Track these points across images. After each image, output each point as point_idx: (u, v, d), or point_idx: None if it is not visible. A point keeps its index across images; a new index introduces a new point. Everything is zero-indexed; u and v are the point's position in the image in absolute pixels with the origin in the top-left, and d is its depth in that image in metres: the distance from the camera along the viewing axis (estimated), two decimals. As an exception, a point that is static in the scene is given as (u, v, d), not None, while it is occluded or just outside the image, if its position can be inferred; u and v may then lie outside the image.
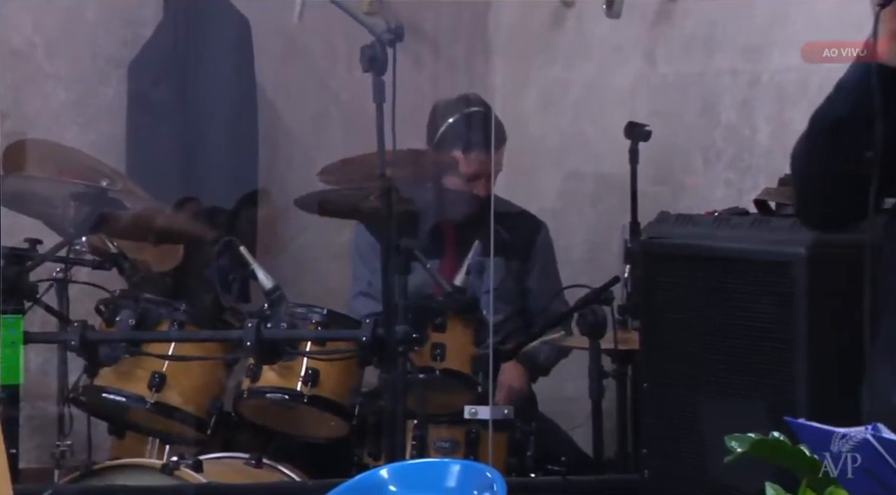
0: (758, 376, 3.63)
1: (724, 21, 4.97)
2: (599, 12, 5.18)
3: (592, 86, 5.43)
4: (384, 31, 4.42)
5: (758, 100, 4.86)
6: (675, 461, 3.88)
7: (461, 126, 4.95)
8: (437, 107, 5.06)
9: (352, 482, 2.66)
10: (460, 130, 4.95)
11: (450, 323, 4.49)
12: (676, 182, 5.10)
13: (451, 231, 4.94)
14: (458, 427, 4.47)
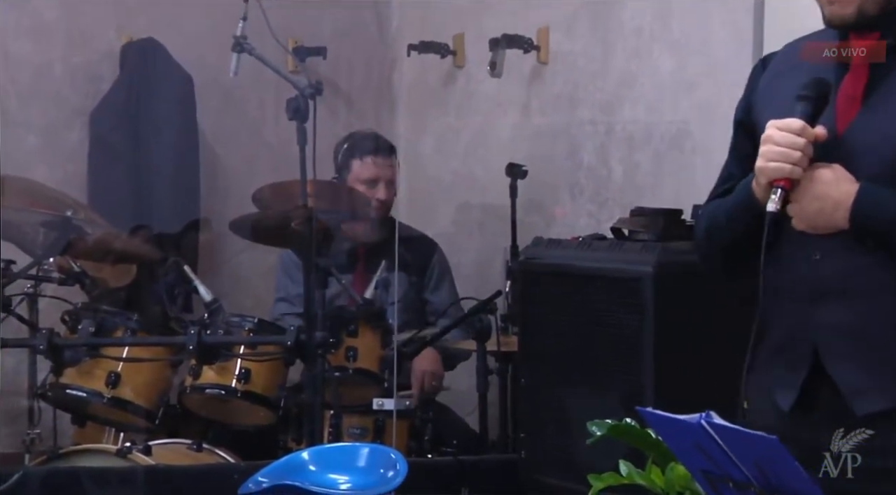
0: (614, 372, 3.65)
1: (585, 82, 5.00)
2: (484, 73, 5.20)
3: (479, 133, 5.45)
4: (306, 86, 4.44)
5: (612, 146, 4.89)
6: (546, 443, 3.89)
7: (354, 143, 4.94)
8: (339, 143, 5.06)
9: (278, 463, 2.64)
10: (353, 146, 4.93)
11: (361, 329, 4.47)
12: (548, 213, 5.12)
13: (362, 251, 4.92)
14: (367, 416, 4.45)
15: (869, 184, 2.36)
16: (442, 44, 5.43)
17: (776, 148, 2.36)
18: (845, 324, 2.40)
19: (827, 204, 2.36)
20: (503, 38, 5.13)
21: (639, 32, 4.75)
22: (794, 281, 2.45)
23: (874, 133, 2.38)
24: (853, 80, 2.42)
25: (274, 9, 4.82)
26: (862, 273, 2.39)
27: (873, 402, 2.37)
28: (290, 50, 5.22)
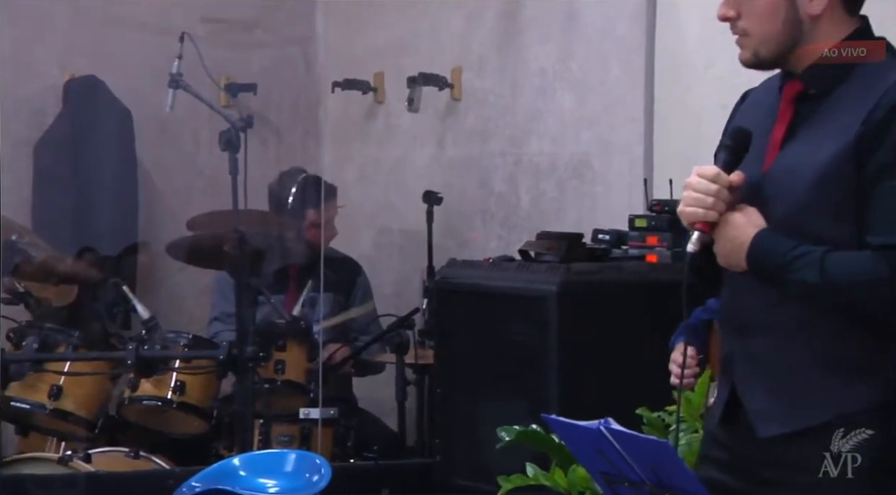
0: (521, 383, 3.66)
1: (496, 117, 5.02)
2: (403, 108, 5.21)
3: (398, 164, 5.45)
4: (237, 120, 4.43)
5: (520, 175, 4.91)
6: (460, 448, 3.89)
7: (301, 191, 4.92)
8: (281, 177, 5.04)
9: (210, 469, 2.62)
10: (302, 194, 4.90)
11: (289, 344, 4.46)
12: (461, 236, 5.13)
13: (294, 273, 4.90)
14: (294, 424, 4.42)
15: (767, 230, 2.35)
16: (364, 81, 5.43)
17: (693, 194, 2.36)
18: (754, 357, 2.41)
19: (734, 245, 2.36)
20: (420, 76, 5.14)
21: (543, 73, 4.78)
22: (725, 311, 2.47)
23: (785, 178, 2.37)
24: (779, 124, 2.41)
25: (207, 48, 4.82)
26: (771, 310, 2.39)
27: (774, 426, 2.38)
28: (222, 86, 5.22)
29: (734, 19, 2.40)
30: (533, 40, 4.81)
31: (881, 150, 2.28)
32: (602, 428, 2.10)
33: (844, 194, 2.32)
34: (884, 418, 2.34)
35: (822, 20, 2.38)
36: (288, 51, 5.55)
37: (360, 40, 5.46)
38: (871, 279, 2.28)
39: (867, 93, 2.33)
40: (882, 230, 2.28)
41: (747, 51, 2.41)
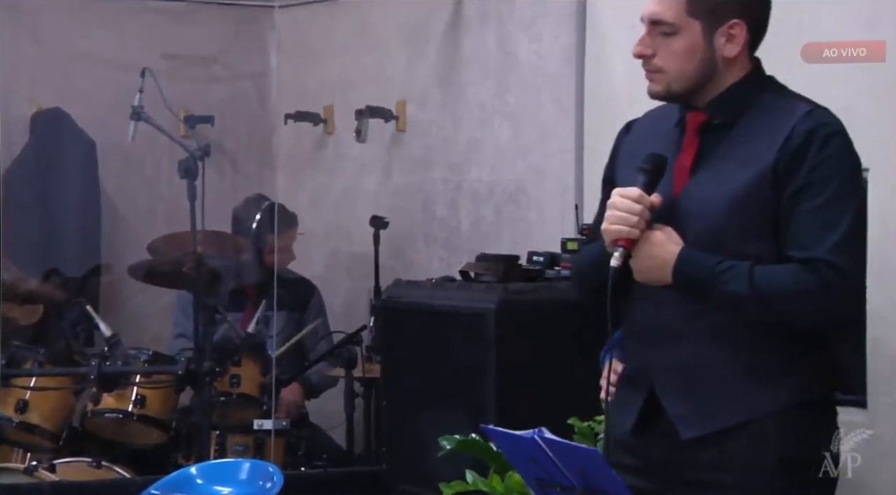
0: (461, 395, 3.66)
1: (438, 146, 5.02)
2: (351, 139, 5.20)
3: (347, 190, 5.44)
4: (196, 149, 4.42)
5: (461, 201, 4.92)
6: (404, 456, 3.88)
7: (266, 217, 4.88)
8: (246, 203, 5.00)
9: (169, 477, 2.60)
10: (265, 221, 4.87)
11: (244, 359, 4.43)
12: (406, 258, 5.12)
13: (252, 293, 4.88)
14: (248, 435, 4.39)
15: (690, 248, 2.37)
16: (314, 113, 5.43)
17: (617, 212, 2.38)
18: (676, 365, 2.42)
19: (657, 262, 2.38)
20: (367, 109, 5.14)
21: (482, 106, 4.79)
22: (638, 324, 2.48)
23: (699, 200, 2.40)
24: (686, 151, 2.44)
25: (167, 82, 4.81)
26: (690, 321, 2.41)
27: (695, 429, 2.40)
28: (181, 118, 5.19)
29: (650, 57, 2.43)
30: (472, 76, 4.82)
31: (799, 174, 2.33)
32: (536, 437, 2.10)
33: (761, 215, 2.36)
34: (801, 416, 2.38)
35: (733, 62, 2.43)
36: (243, 85, 5.54)
37: (311, 75, 5.46)
38: (799, 289, 2.31)
39: (773, 123, 2.38)
40: (805, 245, 2.32)
41: (659, 85, 2.44)
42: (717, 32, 2.41)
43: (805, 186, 2.33)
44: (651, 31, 2.42)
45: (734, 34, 2.41)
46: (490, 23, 4.72)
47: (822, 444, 2.40)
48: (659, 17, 2.41)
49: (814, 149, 2.33)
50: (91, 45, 5.24)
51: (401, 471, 3.88)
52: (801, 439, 2.39)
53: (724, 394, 2.39)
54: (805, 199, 2.33)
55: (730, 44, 2.41)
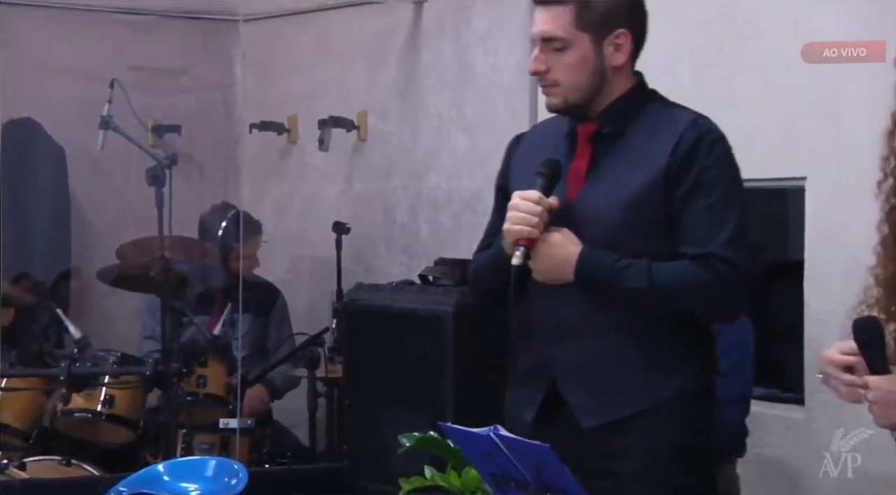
0: (421, 394, 3.65)
1: (398, 155, 5.02)
2: (314, 148, 5.19)
3: (310, 197, 5.43)
4: (163, 158, 4.42)
5: (420, 208, 4.92)
6: (366, 453, 3.87)
7: (232, 225, 4.87)
8: (213, 210, 4.98)
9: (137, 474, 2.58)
10: (232, 228, 4.86)
11: (210, 360, 4.41)
12: (367, 262, 5.12)
13: (217, 295, 4.85)
14: (214, 433, 4.36)
15: (589, 247, 2.43)
16: (279, 123, 5.41)
17: (518, 213, 2.42)
18: (577, 359, 2.47)
19: (556, 261, 2.43)
20: (330, 119, 5.13)
21: (440, 116, 4.80)
22: (539, 321, 2.51)
23: (594, 204, 2.45)
24: (579, 159, 2.49)
25: (136, 93, 4.79)
26: (589, 318, 2.46)
27: (595, 419, 2.45)
28: (149, 128, 5.17)
29: (544, 73, 2.47)
30: (430, 88, 4.83)
31: (689, 177, 2.41)
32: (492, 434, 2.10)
33: (654, 216, 2.43)
34: (692, 405, 2.45)
35: (621, 71, 2.50)
36: (210, 96, 5.52)
37: (276, 87, 5.44)
38: (694, 283, 2.38)
39: (661, 130, 2.46)
40: (697, 242, 2.39)
41: (557, 98, 2.50)
42: (604, 42, 2.47)
43: (695, 188, 2.41)
44: (544, 48, 2.47)
45: (621, 43, 2.47)
46: (447, 37, 4.73)
47: (711, 432, 2.49)
48: (550, 33, 2.46)
49: (702, 155, 2.41)
50: (62, 56, 5.20)
51: (362, 468, 3.87)
52: (694, 427, 2.46)
53: (623, 385, 2.45)
54: (695, 200, 2.40)
55: (617, 52, 2.47)
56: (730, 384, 3.48)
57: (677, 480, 2.43)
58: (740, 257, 2.39)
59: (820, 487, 3.45)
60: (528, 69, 2.50)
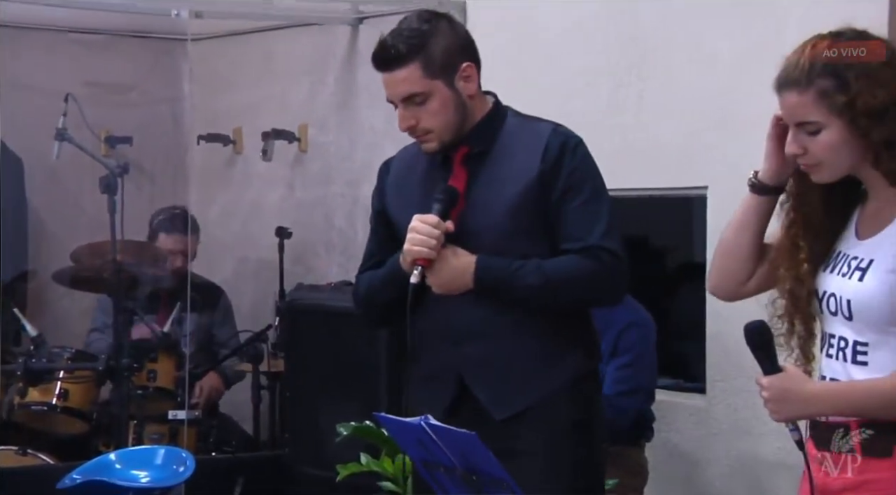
0: (357, 387, 3.64)
1: (336, 165, 5.00)
2: (258, 158, 5.16)
3: (254, 204, 5.39)
4: (115, 167, 4.39)
5: (357, 213, 4.90)
6: (305, 441, 3.85)
7: (166, 220, 4.83)
8: (158, 212, 4.94)
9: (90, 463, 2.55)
10: (165, 222, 4.82)
11: (160, 356, 4.38)
12: (308, 264, 5.09)
13: (165, 296, 4.80)
14: (164, 424, 4.32)
15: (483, 255, 2.47)
16: (225, 135, 5.37)
17: (418, 236, 2.46)
18: (480, 358, 2.51)
19: (456, 272, 2.47)
20: (272, 131, 5.10)
21: (374, 130, 4.79)
22: (439, 328, 2.54)
23: (478, 218, 2.50)
24: (457, 179, 2.52)
25: (89, 107, 4.76)
26: (486, 320, 2.51)
27: (506, 410, 2.50)
28: (102, 139, 5.13)
29: (414, 126, 2.50)
30: (365, 103, 4.82)
31: (560, 180, 2.47)
32: (422, 423, 2.10)
33: (533, 220, 2.48)
34: (583, 386, 2.54)
35: (475, 98, 2.55)
36: (159, 109, 5.47)
37: (222, 101, 5.40)
38: (584, 273, 2.46)
39: (527, 142, 2.51)
40: (578, 236, 2.47)
41: (433, 143, 2.55)
42: (455, 79, 2.52)
43: (567, 189, 2.47)
44: (406, 106, 2.51)
45: (468, 74, 2.53)
46: (382, 56, 4.73)
47: (599, 408, 2.59)
48: (407, 93, 2.50)
49: (568, 158, 2.48)
50: (20, 73, 5.11)
51: (302, 455, 3.85)
52: (585, 405, 2.54)
53: (526, 378, 2.51)
54: (569, 199, 2.47)
55: (468, 83, 2.53)
56: (635, 374, 3.53)
57: (574, 452, 2.50)
58: (617, 245, 2.47)
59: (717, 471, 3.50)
60: (399, 127, 2.54)
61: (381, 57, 2.52)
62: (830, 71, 1.97)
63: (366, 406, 3.38)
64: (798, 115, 2.00)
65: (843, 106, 1.96)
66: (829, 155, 1.99)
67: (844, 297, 2.00)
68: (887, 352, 1.97)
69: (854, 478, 1.99)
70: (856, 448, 1.99)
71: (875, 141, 1.97)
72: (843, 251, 2.05)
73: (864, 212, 2.06)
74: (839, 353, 2.02)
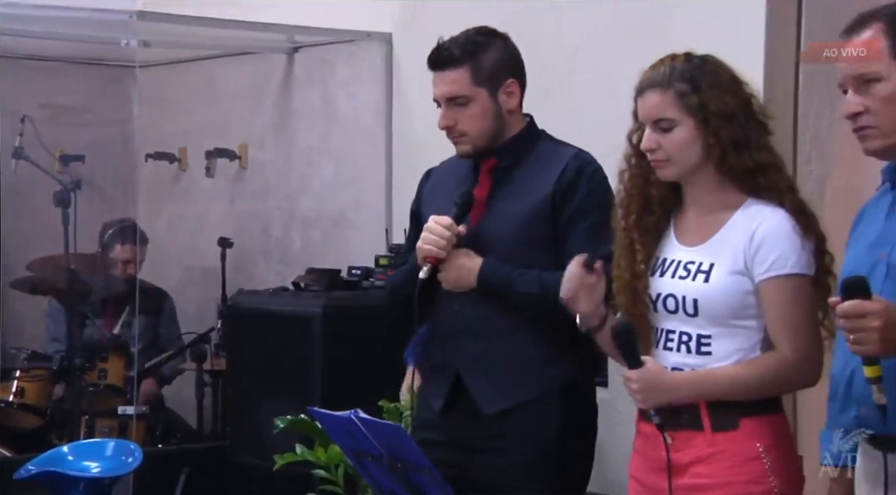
0: (293, 384, 3.62)
1: (274, 180, 4.96)
2: (202, 174, 5.10)
3: (198, 216, 5.32)
4: (69, 183, 4.34)
5: (293, 225, 4.86)
6: (246, 434, 3.81)
7: (117, 231, 4.76)
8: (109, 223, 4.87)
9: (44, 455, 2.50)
10: (116, 234, 4.76)
11: (110, 356, 4.33)
12: (248, 271, 5.03)
13: (114, 301, 4.71)
14: (114, 419, 4.25)
15: (490, 258, 2.46)
16: (171, 153, 5.30)
17: (431, 236, 2.45)
18: (477, 354, 2.48)
19: (463, 271, 2.46)
20: (215, 150, 5.05)
21: (310, 148, 4.77)
22: (444, 323, 2.52)
23: (493, 225, 2.49)
24: (481, 188, 2.52)
25: (45, 127, 4.70)
26: (486, 319, 2.48)
27: (495, 405, 2.46)
28: (56, 157, 5.03)
29: (452, 127, 2.49)
30: (301, 125, 4.79)
31: (572, 202, 2.47)
32: (353, 416, 2.09)
33: (542, 233, 2.47)
34: (575, 393, 2.50)
35: (513, 114, 2.53)
36: (110, 130, 5.38)
37: (168, 122, 5.33)
38: None
39: (549, 163, 2.51)
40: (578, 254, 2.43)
41: (467, 145, 2.53)
42: (499, 92, 2.49)
43: (577, 211, 2.46)
44: (448, 106, 2.50)
45: (511, 91, 2.52)
46: (315, 83, 4.72)
47: (590, 417, 2.53)
48: (452, 93, 2.49)
49: (584, 182, 2.47)
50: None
51: (242, 446, 3.81)
52: (577, 412, 2.49)
53: (518, 377, 2.47)
54: (577, 221, 2.45)
55: (510, 98, 2.52)
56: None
57: (559, 456, 2.44)
58: None
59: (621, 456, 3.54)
60: (439, 125, 2.51)
61: (435, 57, 2.49)
62: (687, 77, 2.07)
63: (301, 401, 3.36)
64: (656, 112, 2.07)
65: (696, 106, 2.04)
66: (679, 151, 2.06)
67: (689, 297, 2.06)
68: (728, 342, 2.05)
69: (705, 451, 2.05)
70: (706, 425, 2.03)
71: (723, 139, 2.05)
72: (669, 257, 2.11)
73: (683, 220, 2.13)
74: (681, 346, 2.08)
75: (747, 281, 2.05)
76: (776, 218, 2.06)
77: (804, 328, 2.04)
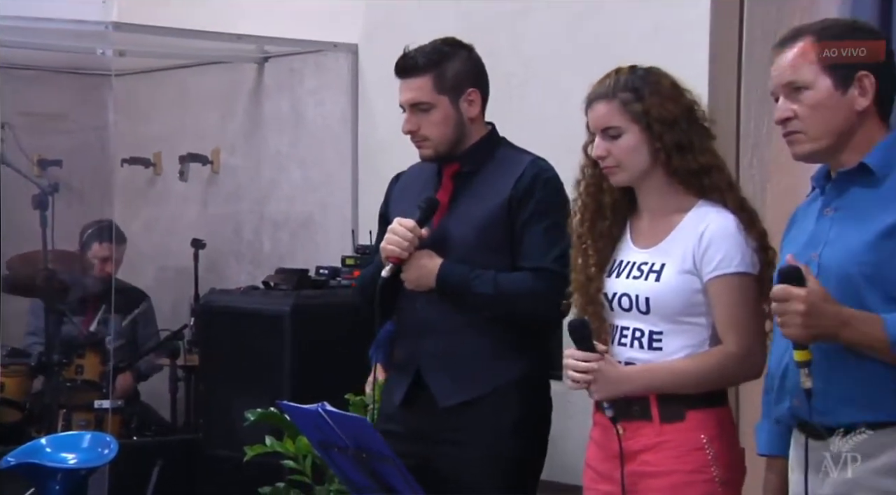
0: (263, 378, 3.61)
1: (245, 184, 4.93)
2: (176, 178, 5.05)
3: (172, 219, 5.27)
4: (47, 186, 4.31)
5: (263, 227, 4.84)
6: (217, 426, 3.79)
7: (95, 231, 4.71)
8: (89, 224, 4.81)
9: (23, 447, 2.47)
10: (95, 233, 4.71)
11: (87, 352, 4.27)
12: (220, 271, 5.00)
13: (91, 299, 4.66)
14: (90, 413, 4.18)
15: (448, 261, 2.46)
16: (146, 158, 5.25)
17: (394, 237, 2.45)
18: (436, 351, 2.49)
19: (424, 272, 2.46)
20: (188, 155, 5.02)
21: (279, 154, 4.74)
22: (407, 321, 2.53)
23: (453, 228, 2.49)
24: (443, 192, 2.52)
25: (24, 134, 4.67)
26: (446, 317, 2.48)
27: (451, 398, 2.46)
28: (35, 162, 4.97)
29: (416, 132, 2.49)
30: (271, 131, 4.77)
31: (527, 207, 2.47)
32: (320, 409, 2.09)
33: (498, 236, 2.47)
34: (530, 388, 2.49)
35: (475, 121, 2.55)
36: (87, 136, 5.31)
37: (143, 128, 5.29)
38: (532, 290, 2.43)
39: (508, 169, 2.51)
40: (534, 257, 2.45)
41: (429, 150, 2.53)
42: (460, 100, 2.50)
43: (533, 215, 2.46)
44: (412, 111, 2.50)
45: (472, 99, 2.52)
46: (284, 91, 4.70)
47: (546, 410, 2.52)
48: (415, 100, 2.49)
49: (539, 188, 2.47)
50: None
51: (214, 438, 3.79)
52: (531, 406, 2.49)
53: (474, 373, 2.47)
54: (533, 224, 2.45)
55: (471, 107, 2.52)
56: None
57: (516, 452, 2.44)
58: (567, 271, 2.41)
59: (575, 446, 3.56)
60: (403, 130, 2.52)
61: (402, 64, 2.50)
62: (631, 87, 2.11)
63: (270, 395, 3.34)
64: (604, 121, 2.11)
65: (639, 113, 2.09)
66: (628, 156, 2.09)
67: (642, 295, 2.09)
68: (678, 338, 2.08)
69: (652, 440, 2.08)
70: (654, 416, 2.06)
71: (667, 143, 2.08)
72: (625, 259, 2.15)
73: (638, 224, 2.16)
74: (634, 342, 2.11)
75: (696, 280, 2.08)
76: (722, 219, 2.08)
77: (748, 324, 2.07)
